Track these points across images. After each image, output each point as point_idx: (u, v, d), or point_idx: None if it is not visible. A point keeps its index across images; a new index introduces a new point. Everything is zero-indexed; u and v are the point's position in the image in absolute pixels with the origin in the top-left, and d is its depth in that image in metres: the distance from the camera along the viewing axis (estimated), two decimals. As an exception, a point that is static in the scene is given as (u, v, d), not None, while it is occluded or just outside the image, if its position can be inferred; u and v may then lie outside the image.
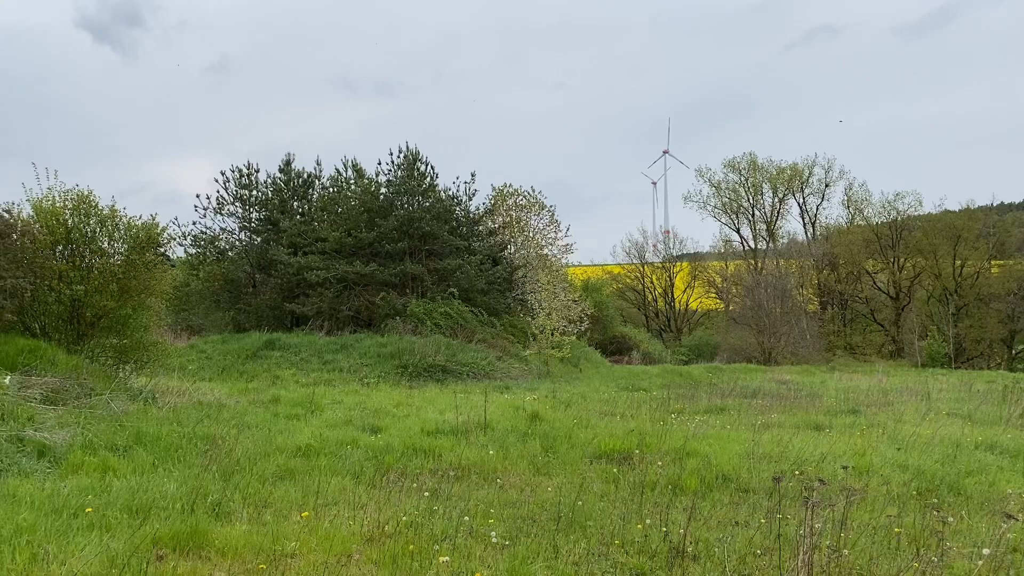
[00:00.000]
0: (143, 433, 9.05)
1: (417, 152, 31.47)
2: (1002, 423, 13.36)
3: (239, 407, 12.87)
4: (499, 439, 10.15)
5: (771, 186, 64.40)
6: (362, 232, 29.34)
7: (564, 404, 15.37)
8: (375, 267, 28.81)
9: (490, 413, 11.71)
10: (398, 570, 5.04)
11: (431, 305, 27.84)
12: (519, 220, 35.39)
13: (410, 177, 31.00)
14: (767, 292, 46.67)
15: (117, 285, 13.53)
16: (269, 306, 29.92)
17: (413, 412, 13.11)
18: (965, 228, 52.88)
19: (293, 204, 32.89)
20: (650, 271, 68.99)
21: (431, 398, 15.88)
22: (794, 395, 18.37)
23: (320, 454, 8.76)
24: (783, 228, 65.87)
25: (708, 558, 5.49)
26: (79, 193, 13.56)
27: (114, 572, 4.68)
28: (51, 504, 6.06)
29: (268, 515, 6.23)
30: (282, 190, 32.59)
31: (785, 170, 63.58)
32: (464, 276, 29.31)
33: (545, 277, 32.79)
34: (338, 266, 28.54)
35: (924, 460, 9.28)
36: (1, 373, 10.30)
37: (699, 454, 9.16)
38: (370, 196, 30.84)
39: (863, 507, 6.95)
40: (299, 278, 28.89)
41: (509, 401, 15.10)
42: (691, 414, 13.87)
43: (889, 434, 11.61)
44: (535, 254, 34.73)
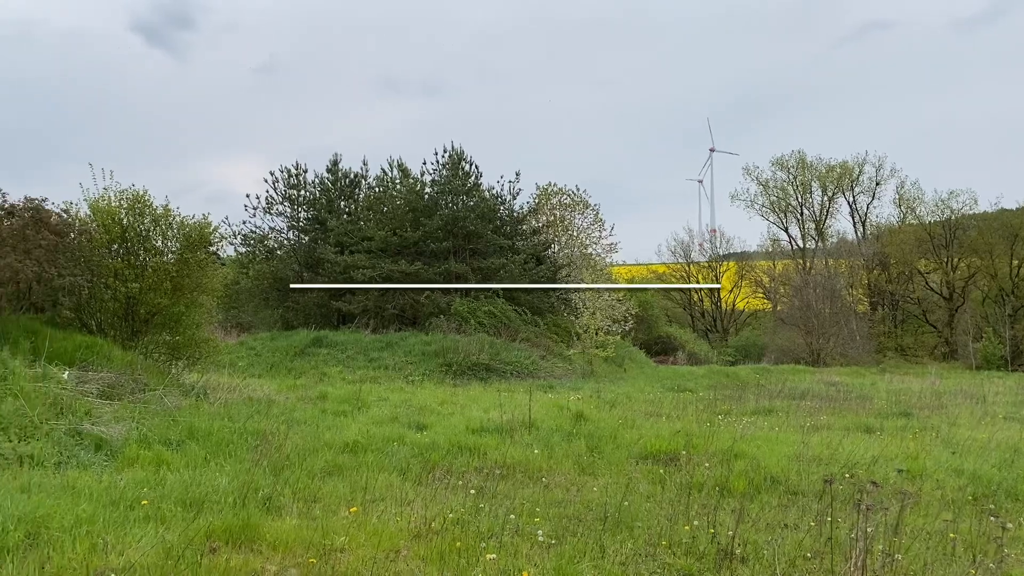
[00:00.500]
0: (195, 428, 9.24)
1: (461, 151, 31.63)
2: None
3: (288, 403, 13.07)
4: (544, 438, 10.15)
5: (820, 184, 63.28)
6: (407, 231, 29.56)
7: (609, 404, 15.31)
8: (420, 266, 29.00)
9: (534, 412, 11.72)
10: (445, 567, 5.07)
11: (475, 304, 27.93)
12: (563, 219, 35.32)
13: (454, 176, 31.14)
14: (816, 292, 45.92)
15: (170, 283, 13.84)
16: (316, 304, 30.32)
17: (458, 410, 13.18)
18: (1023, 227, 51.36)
19: (340, 204, 33.29)
20: (696, 270, 68.29)
21: (475, 396, 15.95)
22: (843, 397, 18.05)
23: (367, 450, 8.86)
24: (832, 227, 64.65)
25: (757, 560, 5.43)
26: (134, 193, 13.91)
27: (169, 563, 4.79)
28: (108, 496, 6.22)
29: (317, 510, 6.33)
30: (329, 190, 33.01)
31: (835, 168, 62.40)
32: (508, 275, 29.35)
33: (589, 276, 32.70)
34: (384, 265, 28.80)
35: (980, 465, 9.05)
36: (60, 368, 10.61)
37: (747, 456, 9.06)
38: (415, 195, 31.07)
39: (917, 512, 6.80)
40: (346, 276, 29.23)
41: (553, 400, 15.10)
42: (738, 415, 13.72)
43: (943, 438, 11.35)
44: (579, 253, 34.63)
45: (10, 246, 11.52)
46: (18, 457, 7.37)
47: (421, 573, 4.96)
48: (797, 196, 64.02)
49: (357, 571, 4.89)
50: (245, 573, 4.85)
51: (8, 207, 12.35)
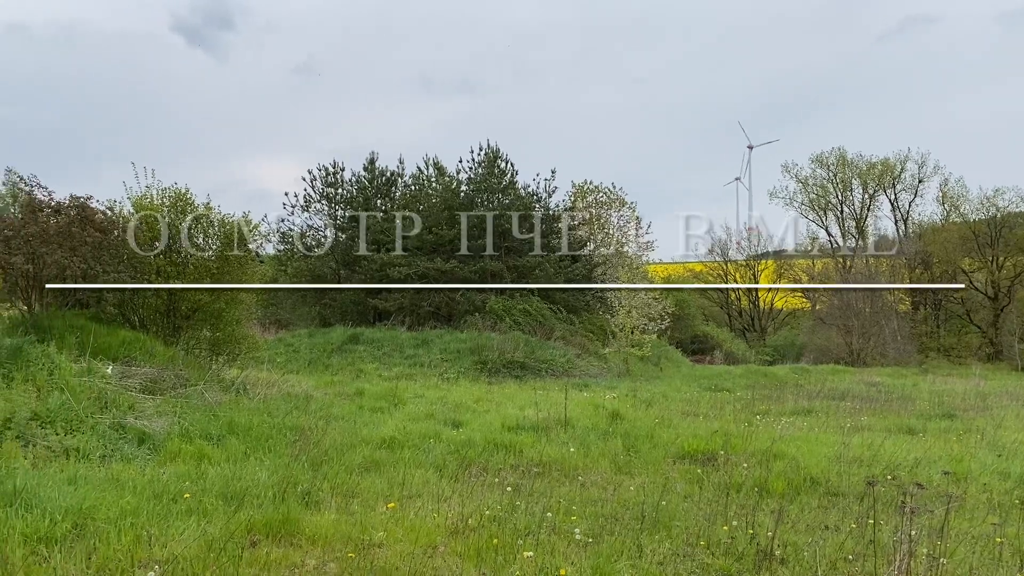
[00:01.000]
0: (235, 423, 9.37)
1: (497, 149, 31.67)
2: (1113, 431, 12.60)
3: (325, 399, 13.19)
4: (580, 437, 10.12)
5: (861, 182, 62.23)
6: (443, 229, 29.68)
7: (645, 403, 15.23)
8: (455, 264, 29.10)
9: (570, 411, 11.69)
10: (483, 563, 5.08)
11: (510, 302, 27.96)
12: (599, 217, 35.18)
13: (490, 175, 31.19)
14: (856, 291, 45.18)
15: (211, 280, 14.05)
16: (353, 301, 30.61)
17: (493, 408, 13.20)
18: (1072, 225, 50.07)
19: (376, 202, 33.53)
20: (733, 269, 67.64)
21: (510, 394, 15.95)
22: (884, 398, 17.75)
23: (404, 447, 8.91)
24: (873, 225, 63.58)
25: (797, 562, 5.36)
26: (176, 191, 14.15)
27: (211, 556, 4.86)
28: (152, 489, 6.33)
29: (355, 505, 6.38)
30: (366, 188, 33.28)
31: (876, 165, 61.33)
32: (543, 273, 29.33)
33: (625, 275, 32.55)
34: (419, 263, 28.95)
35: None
36: (104, 363, 10.83)
37: (786, 456, 8.94)
38: (451, 193, 31.18)
39: (961, 515, 6.66)
40: (382, 274, 29.44)
41: (589, 399, 15.05)
42: (777, 416, 13.55)
43: (988, 440, 11.10)
44: (615, 251, 34.48)
45: (57, 243, 11.78)
46: (64, 450, 7.53)
47: (458, 569, 4.97)
48: (837, 194, 63.06)
49: (395, 566, 4.92)
50: (285, 566, 4.91)
51: (55, 205, 12.64)
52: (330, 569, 4.92)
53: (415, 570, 4.85)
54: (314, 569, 4.92)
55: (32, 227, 11.63)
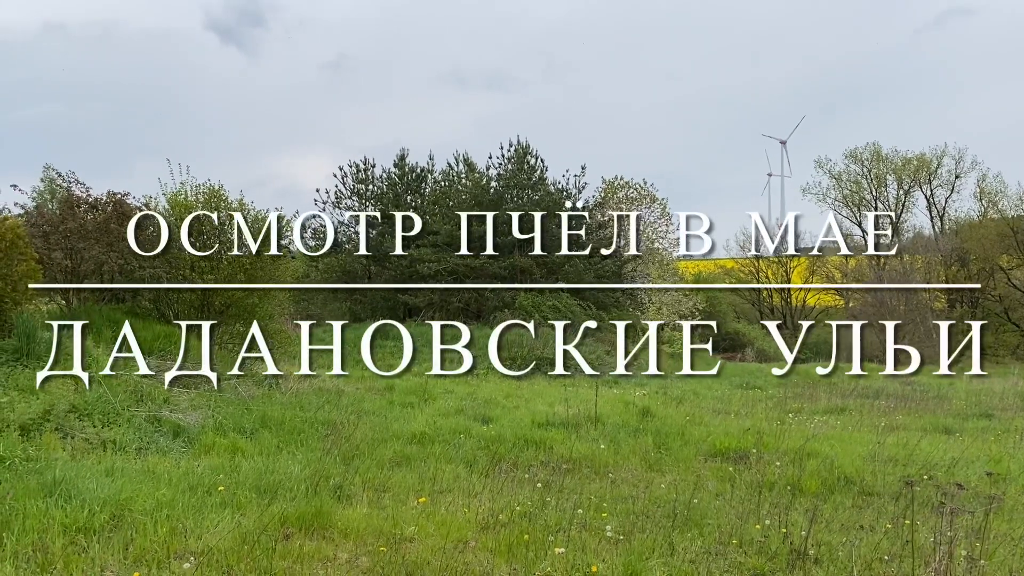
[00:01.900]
0: (268, 417, 9.48)
1: (527, 145, 31.65)
2: None
3: (356, 394, 13.28)
4: (610, 433, 10.10)
5: (896, 177, 61.31)
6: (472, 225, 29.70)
7: (676, 400, 15.15)
8: (484, 260, 29.15)
9: (600, 407, 11.66)
10: (513, 559, 5.09)
11: (539, 298, 27.93)
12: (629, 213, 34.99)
13: (520, 171, 31.20)
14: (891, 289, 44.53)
15: (244, 275, 14.20)
16: (383, 297, 30.77)
17: (523, 404, 13.21)
18: (1114, 222, 48.93)
19: (407, 198, 33.68)
20: (765, 265, 66.97)
21: (540, 391, 15.96)
22: (920, 396, 17.44)
23: (434, 442, 8.95)
24: (908, 222, 62.59)
25: (831, 562, 5.30)
26: (210, 188, 14.33)
27: (245, 548, 4.92)
28: (187, 481, 6.42)
29: (387, 499, 6.42)
30: (396, 184, 33.43)
31: (911, 160, 60.38)
32: (573, 269, 29.27)
33: (655, 271, 32.39)
34: (449, 259, 29.03)
35: (1069, 469, 8.65)
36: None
37: (819, 455, 8.84)
38: (480, 189, 31.23)
39: (1000, 516, 6.53)
40: (412, 270, 29.57)
41: (619, 396, 15.00)
42: (810, 414, 13.41)
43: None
44: (646, 248, 34.31)
45: (94, 238, 11.98)
46: (102, 442, 7.66)
47: (489, 565, 4.98)
48: (871, 190, 62.20)
49: (426, 561, 4.94)
50: (318, 559, 4.95)
51: (92, 201, 12.85)
52: (362, 563, 4.95)
53: (446, 565, 4.86)
54: (346, 562, 4.95)
55: (70, 223, 11.85)
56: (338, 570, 4.85)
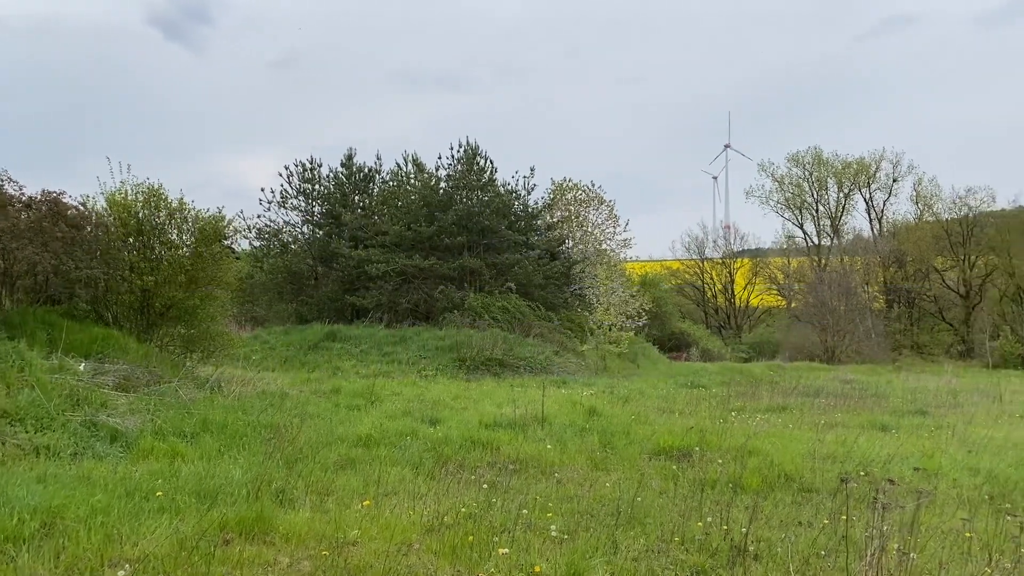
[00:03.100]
0: (210, 420, 9.29)
1: (477, 147, 31.59)
2: (1081, 427, 12.82)
3: (301, 397, 13.12)
4: (557, 433, 10.14)
5: (836, 181, 62.83)
6: (421, 226, 29.57)
7: (622, 400, 15.28)
8: (434, 261, 29.02)
9: (547, 407, 11.71)
10: (458, 560, 5.07)
11: (489, 299, 27.92)
12: (578, 215, 35.23)
13: (469, 172, 31.11)
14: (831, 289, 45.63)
15: (185, 276, 13.90)
16: (330, 298, 30.40)
17: (471, 405, 13.19)
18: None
19: (354, 198, 33.32)
20: (710, 267, 68.08)
21: (488, 391, 15.94)
22: (859, 395, 17.92)
23: (380, 444, 8.88)
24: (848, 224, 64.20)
25: (770, 558, 5.40)
26: (150, 187, 13.98)
27: (183, 554, 4.82)
28: (123, 487, 6.27)
29: (330, 503, 6.35)
30: (344, 184, 33.04)
31: (851, 164, 61.94)
32: (522, 271, 29.32)
33: (603, 272, 32.64)
34: (398, 259, 28.83)
35: (996, 464, 8.97)
36: (76, 360, 10.69)
37: (760, 453, 9.00)
38: (430, 190, 31.06)
39: (932, 510, 6.75)
40: (360, 271, 29.29)
41: (566, 396, 15.08)
42: (752, 412, 13.65)
43: (959, 436, 11.25)
44: (593, 249, 34.56)
45: (28, 239, 11.59)
46: (34, 448, 7.43)
47: (433, 567, 4.96)
48: (813, 193, 63.62)
49: (369, 564, 4.90)
50: (258, 565, 4.87)
51: (26, 200, 12.43)
52: (303, 567, 4.89)
53: (389, 568, 4.83)
54: (287, 567, 4.89)
55: (2, 223, 11.44)
56: (279, 575, 4.78)
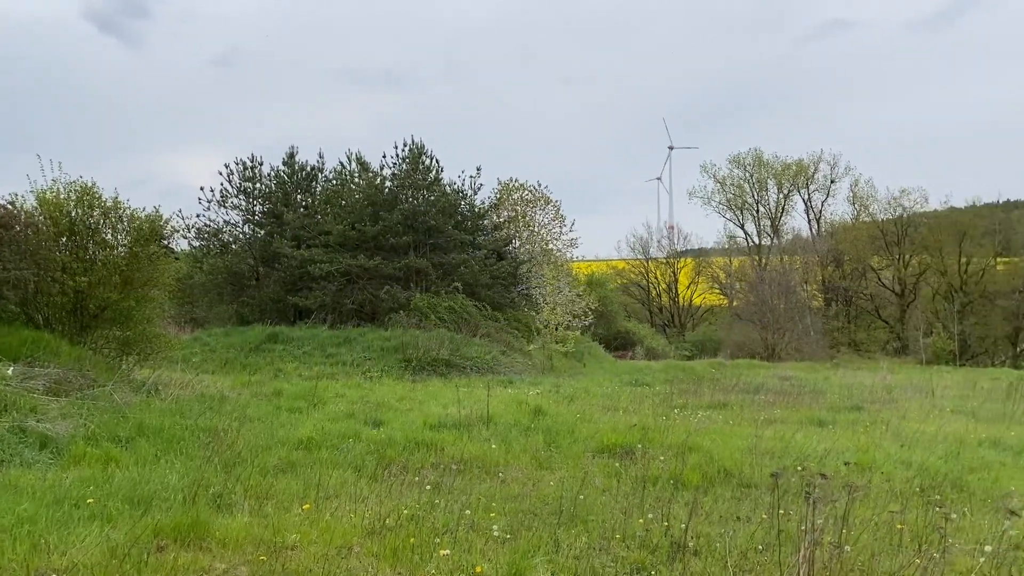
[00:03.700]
0: (146, 425, 9.07)
1: (422, 145, 31.42)
2: (1006, 420, 13.32)
3: (242, 400, 12.88)
4: (502, 433, 10.15)
5: (776, 182, 64.29)
6: (366, 226, 29.30)
7: (567, 399, 15.36)
8: (379, 261, 28.77)
9: (493, 407, 11.70)
10: (399, 563, 5.03)
11: (435, 299, 27.80)
12: (524, 215, 35.31)
13: (415, 171, 30.92)
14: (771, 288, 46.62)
15: (120, 277, 13.52)
16: (272, 299, 29.91)
17: (416, 406, 13.11)
18: (971, 225, 52.78)
19: (296, 197, 32.83)
20: (654, 266, 68.96)
21: (434, 392, 15.87)
22: (797, 391, 18.33)
23: (322, 447, 8.76)
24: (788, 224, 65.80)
25: (709, 553, 5.48)
26: (82, 185, 13.57)
27: (114, 563, 4.68)
28: (52, 495, 6.07)
29: (269, 507, 6.24)
30: (285, 183, 32.52)
31: (790, 166, 63.42)
32: (468, 270, 29.27)
33: (550, 272, 32.79)
34: (342, 259, 28.51)
35: (927, 457, 9.26)
36: (4, 364, 10.32)
37: (701, 449, 9.15)
38: (374, 189, 30.78)
39: (866, 503, 6.92)
40: (302, 271, 28.89)
41: (512, 395, 15.10)
42: (694, 409, 13.85)
43: (893, 431, 11.59)
44: (540, 249, 34.68)
45: (-49, 239, 11.18)
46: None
47: (374, 570, 4.91)
48: (753, 193, 64.99)
49: (308, 568, 4.83)
50: (193, 571, 4.76)
51: (-51, 198, 11.98)
52: (240, 573, 4.79)
53: (328, 572, 4.77)
54: (223, 573, 4.78)
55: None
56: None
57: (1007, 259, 54.05)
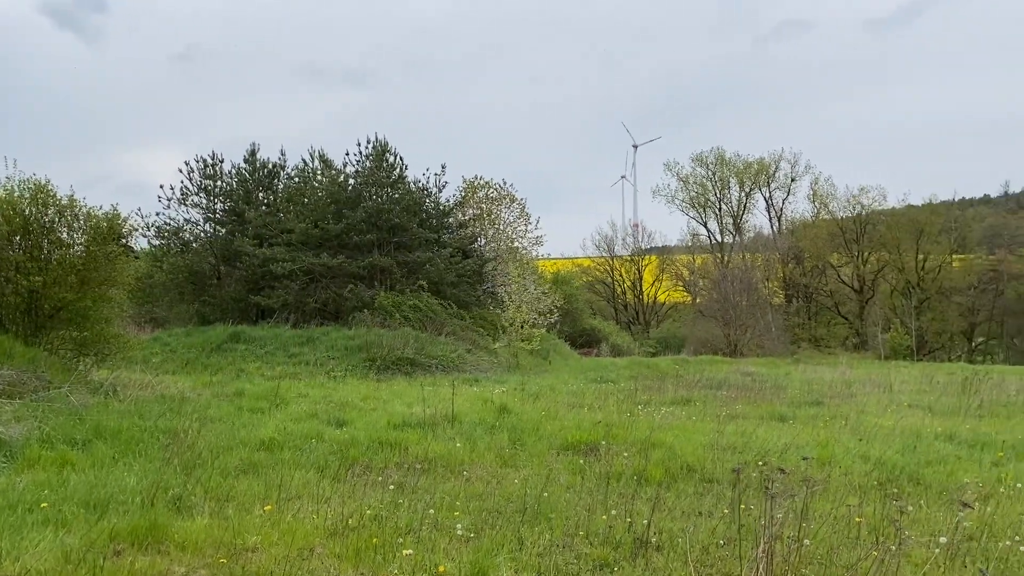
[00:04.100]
0: (103, 427, 8.90)
1: (386, 143, 31.23)
2: (961, 414, 13.61)
3: (202, 400, 12.71)
4: (466, 432, 10.12)
5: (738, 180, 65.04)
6: (329, 224, 29.05)
7: (532, 396, 15.38)
8: (343, 259, 28.55)
9: (458, 406, 11.68)
10: (361, 563, 5.00)
11: (400, 298, 27.66)
12: (490, 213, 35.28)
13: (378, 168, 30.72)
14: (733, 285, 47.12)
15: (77, 277, 13.26)
16: (234, 298, 29.53)
17: (380, 405, 13.04)
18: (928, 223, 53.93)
19: (258, 195, 32.45)
20: (619, 264, 69.39)
21: (399, 391, 15.80)
22: (759, 387, 18.56)
23: (284, 448, 8.67)
24: (749, 222, 66.64)
25: (671, 548, 5.52)
26: (36, 183, 13.28)
27: (69, 568, 4.59)
28: (5, 499, 5.94)
29: (230, 509, 6.15)
30: (247, 181, 32.13)
31: (752, 164, 64.21)
32: (434, 269, 29.16)
33: (515, 270, 32.78)
34: (304, 258, 28.23)
35: (885, 451, 9.42)
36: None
37: (664, 445, 9.21)
38: (337, 187, 30.52)
39: (825, 497, 7.03)
40: (265, 270, 28.56)
41: (477, 394, 15.09)
42: (657, 405, 13.95)
43: (852, 425, 11.77)
44: (505, 247, 34.68)
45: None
46: (-94, 461, 6.96)
47: (336, 571, 4.87)
48: (716, 192, 65.67)
49: (269, 570, 4.77)
50: (151, 575, 4.69)
51: None
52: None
53: (290, 573, 4.72)
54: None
55: None
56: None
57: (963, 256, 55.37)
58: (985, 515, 6.28)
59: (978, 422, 12.29)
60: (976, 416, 13.34)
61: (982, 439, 10.35)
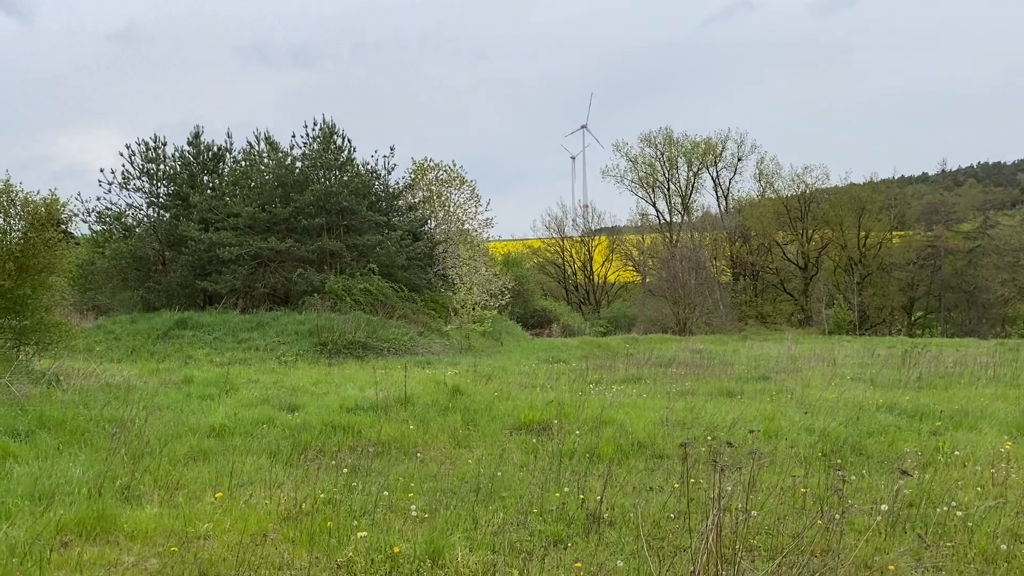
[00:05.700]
0: (46, 417, 8.71)
1: (333, 125, 30.82)
2: (901, 386, 14.03)
3: (149, 388, 12.50)
4: (419, 414, 10.13)
5: (686, 160, 65.66)
6: (277, 207, 28.61)
7: (485, 377, 15.43)
8: (291, 243, 28.18)
9: (411, 388, 11.67)
10: (315, 547, 4.99)
11: (350, 281, 27.44)
12: (440, 195, 35.12)
13: (326, 151, 30.33)
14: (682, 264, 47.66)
15: (14, 264, 12.85)
16: (180, 284, 28.97)
17: (332, 389, 12.97)
18: (869, 200, 55.28)
19: (203, 178, 31.78)
20: (569, 245, 69.66)
21: (351, 375, 15.72)
22: (707, 363, 18.89)
23: (235, 434, 8.59)
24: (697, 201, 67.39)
25: (624, 523, 5.62)
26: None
27: (14, 561, 4.50)
28: (-55, 494, 5.78)
29: (180, 497, 6.09)
30: (191, 164, 31.43)
31: (700, 144, 64.86)
32: (384, 252, 28.95)
33: (466, 252, 32.71)
34: (252, 242, 27.79)
35: (829, 423, 9.67)
36: None
37: (615, 422, 9.34)
38: (285, 170, 30.07)
39: (772, 469, 7.22)
40: (211, 255, 28.04)
41: (430, 376, 15.08)
42: (608, 384, 14.12)
43: (797, 399, 12.06)
44: (456, 229, 34.57)
45: None
46: None
47: (289, 556, 4.86)
48: (664, 172, 66.21)
49: (222, 557, 4.74)
50: (100, 566, 4.63)
51: None
52: (151, 565, 4.68)
53: (243, 559, 4.69)
54: (133, 566, 4.66)
55: None
56: (124, 575, 4.55)
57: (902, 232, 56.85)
58: (924, 482, 6.52)
59: (917, 393, 12.69)
60: (915, 388, 13.77)
61: (921, 410, 10.69)
